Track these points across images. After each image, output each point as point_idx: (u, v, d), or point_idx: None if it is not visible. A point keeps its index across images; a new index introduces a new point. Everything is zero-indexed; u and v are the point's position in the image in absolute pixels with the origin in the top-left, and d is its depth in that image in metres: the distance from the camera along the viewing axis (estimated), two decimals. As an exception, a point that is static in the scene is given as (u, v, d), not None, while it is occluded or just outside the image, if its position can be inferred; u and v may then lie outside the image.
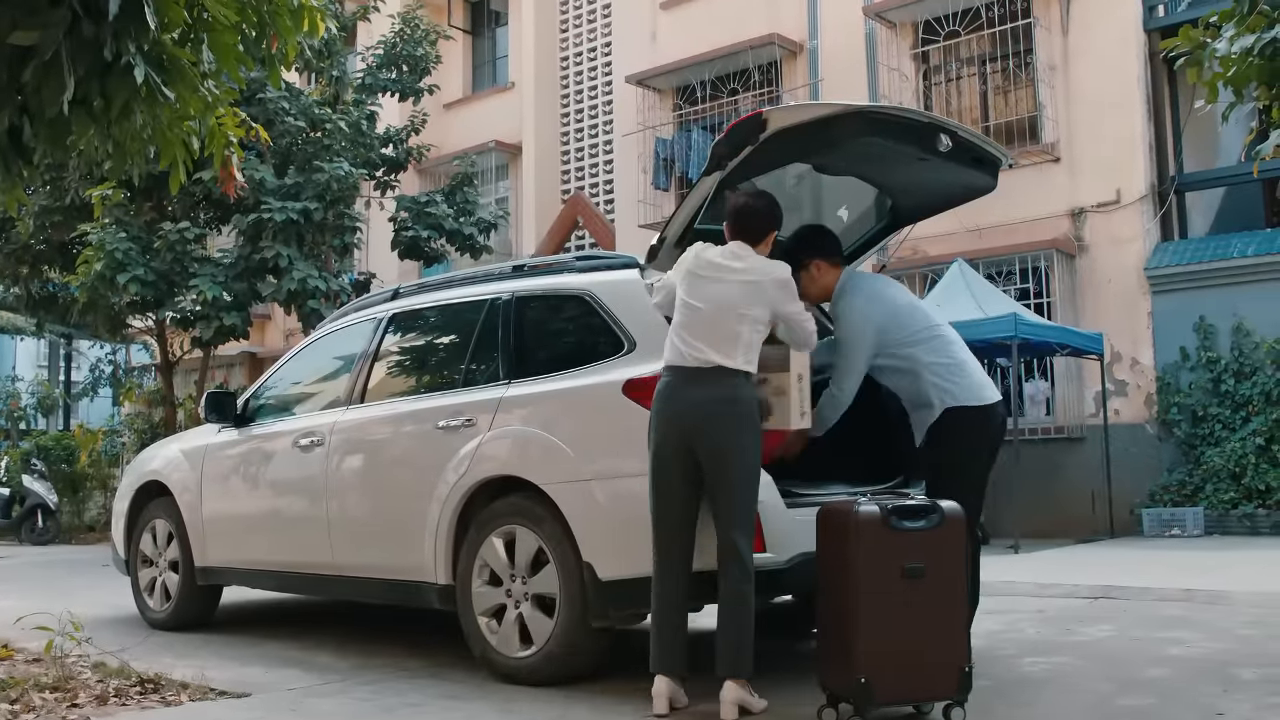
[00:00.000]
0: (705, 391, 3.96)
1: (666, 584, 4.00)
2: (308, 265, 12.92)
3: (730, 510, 3.95)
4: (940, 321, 4.56)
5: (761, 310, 4.05)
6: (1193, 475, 12.05)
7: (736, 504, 3.95)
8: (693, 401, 3.96)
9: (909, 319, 4.44)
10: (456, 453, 4.84)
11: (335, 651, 5.53)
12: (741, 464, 3.94)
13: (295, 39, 4.87)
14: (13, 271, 15.36)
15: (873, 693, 3.62)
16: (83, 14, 3.61)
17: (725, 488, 3.95)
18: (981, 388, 4.37)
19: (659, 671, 3.97)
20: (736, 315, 4.01)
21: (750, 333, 4.03)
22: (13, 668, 4.88)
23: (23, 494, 16.63)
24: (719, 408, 3.94)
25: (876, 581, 3.64)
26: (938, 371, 4.33)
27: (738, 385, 3.98)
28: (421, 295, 5.76)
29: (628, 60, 17.22)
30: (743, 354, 3.99)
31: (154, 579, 6.56)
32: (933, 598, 3.69)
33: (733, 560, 3.92)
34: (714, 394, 3.95)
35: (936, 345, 4.40)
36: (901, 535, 3.69)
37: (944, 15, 14.10)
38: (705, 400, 3.95)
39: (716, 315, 4.02)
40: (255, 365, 20.26)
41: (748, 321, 4.02)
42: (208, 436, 6.44)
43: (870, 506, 3.72)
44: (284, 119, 13.02)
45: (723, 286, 4.04)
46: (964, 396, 4.30)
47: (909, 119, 4.50)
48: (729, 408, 3.95)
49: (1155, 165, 13.05)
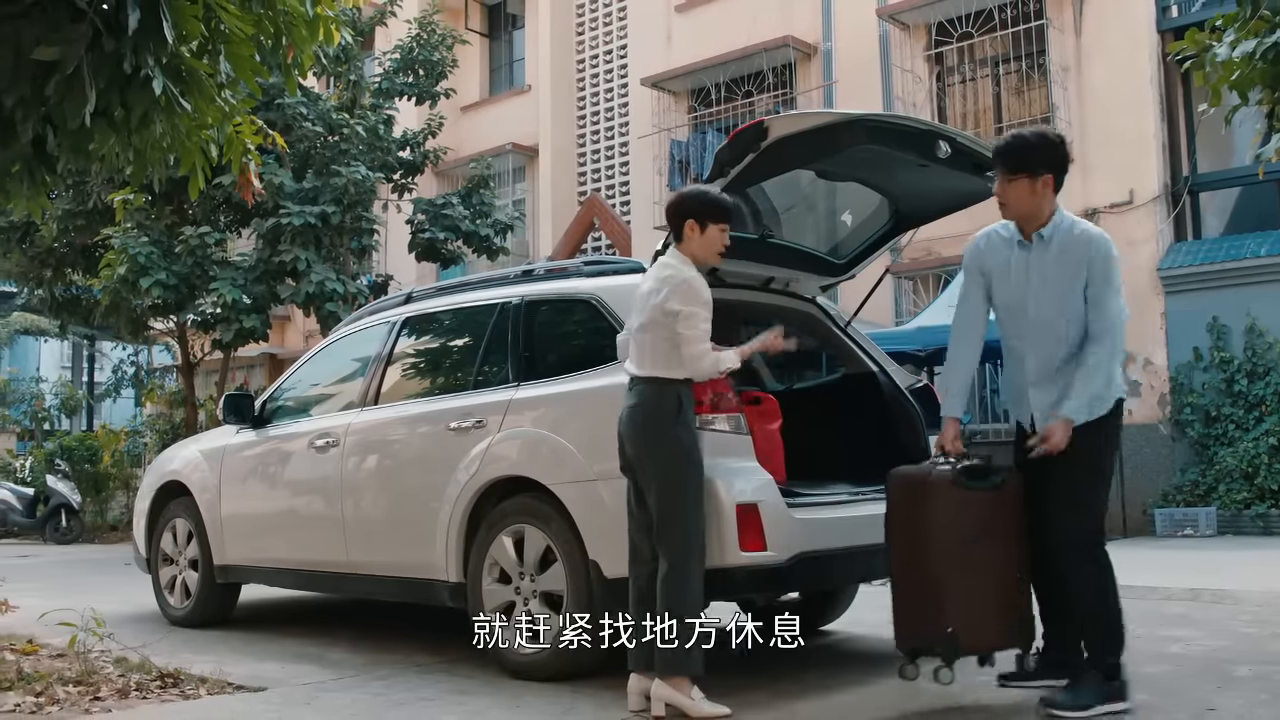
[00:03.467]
0: (626, 400, 4.11)
1: (638, 585, 4.09)
2: (326, 268, 13.06)
3: (654, 510, 4.02)
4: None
5: (648, 315, 4.06)
6: (1205, 475, 12.07)
7: (656, 504, 4.01)
8: (621, 415, 4.11)
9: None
10: (467, 453, 4.96)
11: (350, 647, 5.65)
12: (651, 468, 4.03)
13: (311, 48, 4.98)
14: (37, 274, 15.59)
15: (959, 643, 3.84)
16: (103, 29, 3.72)
17: (647, 489, 4.04)
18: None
19: (633, 669, 4.06)
20: (637, 328, 4.14)
21: (651, 338, 4.05)
22: (38, 662, 5.01)
23: (47, 494, 16.84)
24: (629, 414, 4.08)
25: (952, 539, 3.85)
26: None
27: (645, 391, 4.06)
28: (434, 299, 5.88)
29: (643, 63, 17.33)
30: (650, 360, 4.05)
31: (174, 577, 6.69)
32: (1000, 553, 3.90)
33: (663, 558, 3.98)
34: (629, 401, 4.10)
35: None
36: (971, 494, 3.91)
37: (957, 17, 14.16)
38: (624, 409, 4.10)
39: (628, 336, 4.22)
40: (275, 366, 20.44)
41: (648, 330, 4.07)
42: (226, 438, 6.57)
43: (943, 469, 3.95)
44: (302, 124, 13.17)
45: (635, 306, 4.19)
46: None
47: (908, 126, 4.60)
48: (636, 415, 4.06)
49: (1169, 166, 13.08)
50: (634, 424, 4.05)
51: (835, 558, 4.53)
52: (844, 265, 5.55)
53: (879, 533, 4.71)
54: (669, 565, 3.97)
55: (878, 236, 5.44)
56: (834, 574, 4.88)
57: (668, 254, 4.19)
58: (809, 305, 5.55)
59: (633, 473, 4.09)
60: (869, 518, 4.75)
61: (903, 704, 4.19)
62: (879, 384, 5.35)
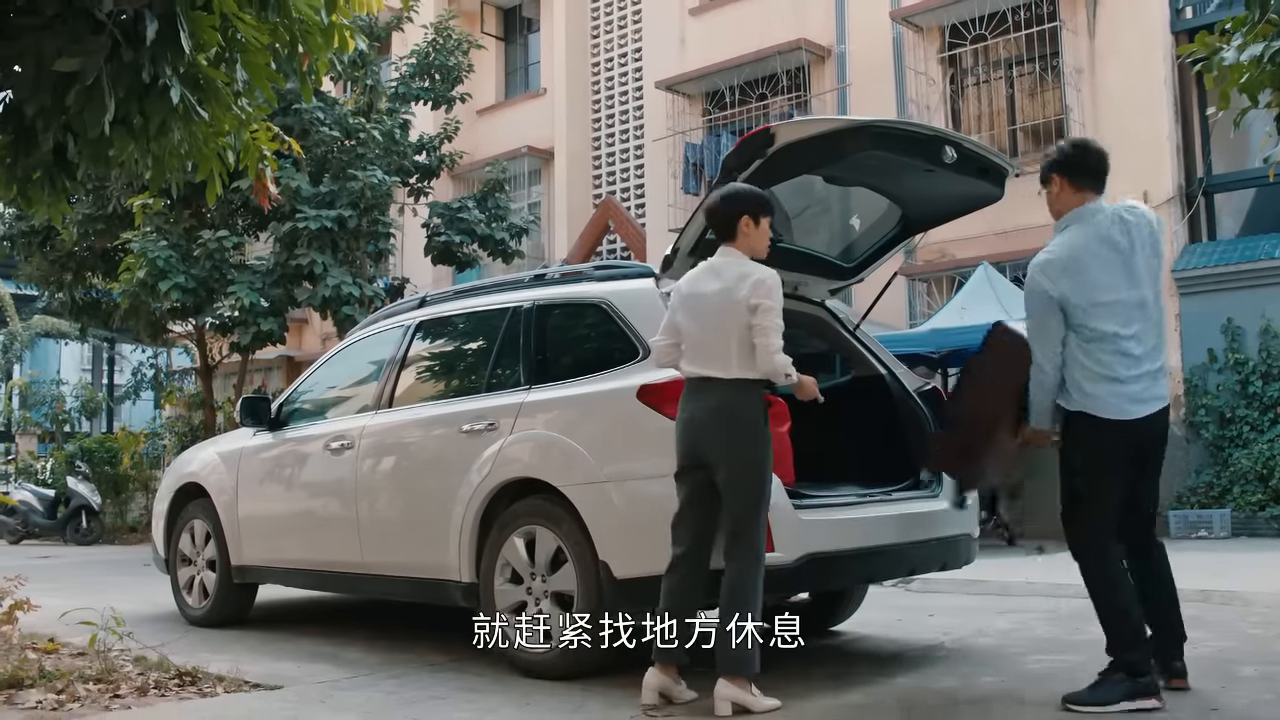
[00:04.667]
0: (704, 401, 4.11)
1: (673, 578, 4.14)
2: (342, 271, 13.17)
3: (731, 513, 4.08)
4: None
5: (739, 317, 4.07)
6: (1220, 477, 12.05)
7: (733, 509, 4.08)
8: (695, 411, 4.13)
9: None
10: (479, 456, 5.02)
11: (365, 647, 5.72)
12: (739, 469, 4.07)
13: (326, 56, 5.05)
14: (57, 278, 15.76)
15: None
16: (122, 40, 3.79)
17: (727, 493, 4.09)
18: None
19: (657, 661, 4.10)
20: (716, 329, 4.12)
21: (736, 342, 4.09)
22: (59, 660, 5.09)
23: (67, 495, 16.99)
24: (714, 416, 4.09)
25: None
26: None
27: (731, 393, 4.10)
28: (447, 303, 5.95)
29: (657, 66, 17.39)
30: (736, 363, 4.09)
31: (192, 577, 6.78)
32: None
33: (733, 559, 4.06)
34: (711, 403, 4.10)
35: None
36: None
37: (971, 19, 14.18)
38: (704, 410, 4.10)
39: (701, 336, 4.16)
40: (293, 368, 20.56)
41: (732, 334, 4.09)
42: (243, 440, 6.66)
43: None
44: (319, 129, 13.28)
45: (701, 306, 4.16)
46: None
47: (914, 132, 4.65)
48: (721, 415, 4.08)
49: (1183, 167, 13.07)
50: (720, 426, 4.06)
51: (844, 559, 4.58)
52: (853, 269, 5.59)
53: (887, 534, 4.79)
54: (742, 566, 4.03)
55: (886, 240, 5.49)
56: (842, 575, 4.93)
57: (724, 252, 4.20)
58: (818, 309, 5.59)
59: (700, 473, 4.11)
60: (877, 519, 4.83)
61: (910, 703, 4.23)
62: (887, 386, 5.39)
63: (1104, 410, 4.01)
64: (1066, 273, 4.01)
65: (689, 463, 4.15)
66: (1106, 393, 4.00)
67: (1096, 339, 4.00)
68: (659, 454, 4.36)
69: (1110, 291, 4.01)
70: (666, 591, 4.15)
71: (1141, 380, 4.01)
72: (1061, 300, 4.00)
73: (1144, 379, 4.02)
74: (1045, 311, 4.04)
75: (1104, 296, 4.00)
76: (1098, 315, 4.00)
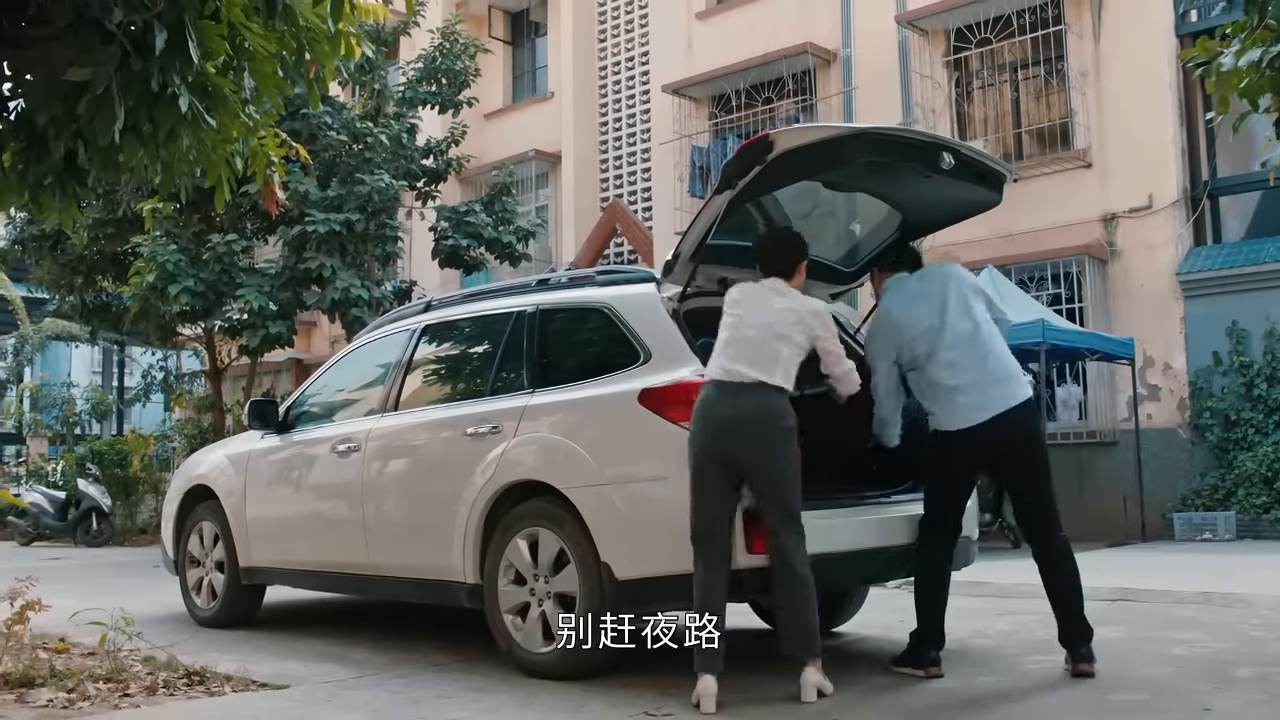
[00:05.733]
0: (744, 403, 4.21)
1: (714, 584, 4.20)
2: (350, 275, 13.23)
3: (776, 509, 4.20)
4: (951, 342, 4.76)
5: (800, 336, 4.35)
6: (1225, 480, 12.07)
7: (780, 503, 4.20)
8: (732, 412, 4.21)
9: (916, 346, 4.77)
10: (483, 458, 5.08)
11: (371, 647, 5.78)
12: (780, 467, 4.19)
13: (333, 63, 5.12)
14: (68, 281, 15.85)
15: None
16: (132, 50, 3.86)
17: (770, 490, 4.20)
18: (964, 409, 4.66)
19: (705, 671, 4.12)
20: (776, 335, 4.31)
21: (789, 353, 4.32)
22: (69, 660, 5.16)
23: (78, 497, 17.09)
24: (756, 418, 4.20)
25: None
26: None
27: (773, 399, 4.24)
28: (452, 307, 6.02)
29: (664, 70, 17.45)
30: (781, 372, 4.28)
31: (201, 579, 6.85)
32: None
33: (786, 552, 4.17)
34: (752, 405, 4.21)
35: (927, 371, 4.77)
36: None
37: (976, 23, 14.22)
38: (743, 412, 4.20)
39: (758, 338, 4.31)
40: (302, 371, 20.64)
41: (787, 342, 4.31)
42: (251, 443, 6.73)
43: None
44: (327, 133, 13.35)
45: (764, 313, 4.35)
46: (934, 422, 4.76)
47: (911, 139, 4.70)
48: (765, 418, 4.20)
49: (1188, 170, 13.08)
50: (763, 428, 4.19)
51: (843, 560, 4.63)
52: (853, 274, 5.64)
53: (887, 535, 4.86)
54: (794, 550, 4.18)
55: (886, 245, 5.53)
56: (842, 576, 4.98)
57: (777, 283, 4.46)
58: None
59: (723, 473, 4.21)
60: (876, 521, 4.88)
61: (905, 702, 4.27)
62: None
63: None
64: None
65: (714, 460, 4.21)
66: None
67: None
68: (659, 457, 4.44)
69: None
70: (706, 593, 4.19)
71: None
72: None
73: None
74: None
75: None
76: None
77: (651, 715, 4.04)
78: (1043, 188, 13.34)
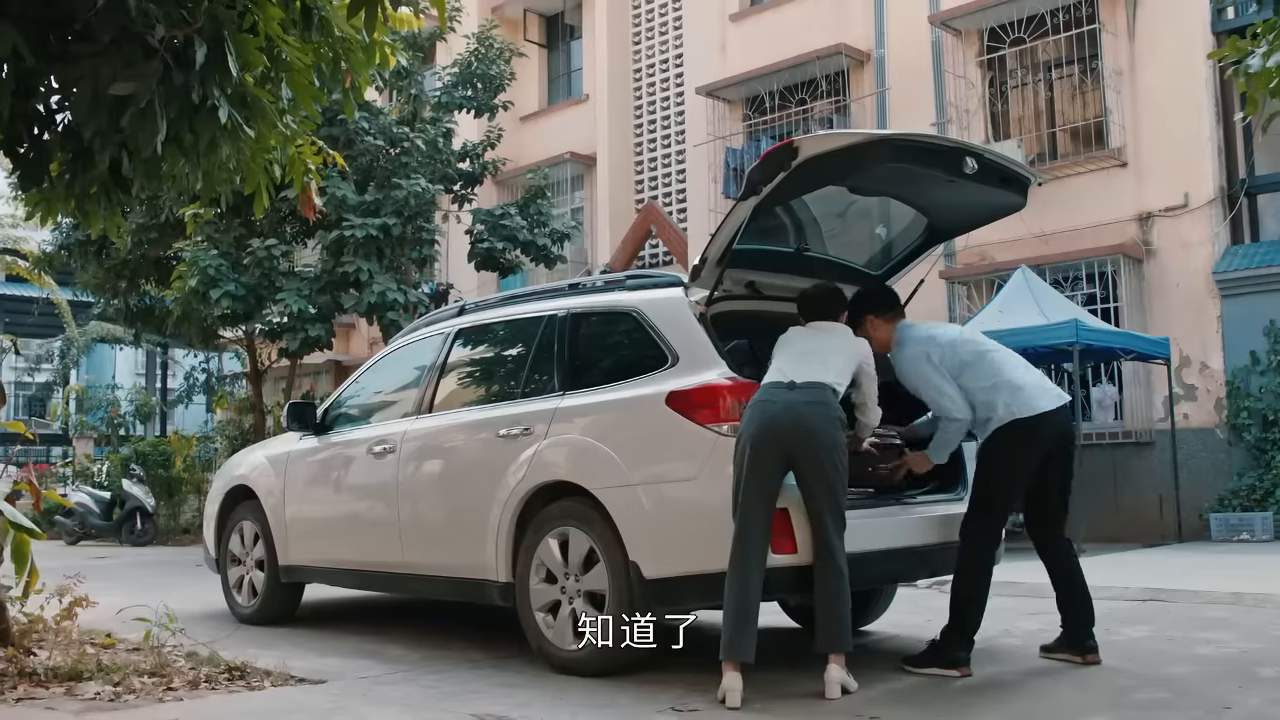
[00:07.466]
0: (802, 397, 4.35)
1: (746, 574, 4.27)
2: (387, 278, 13.39)
3: (824, 499, 4.29)
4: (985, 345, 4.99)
5: (849, 359, 4.58)
6: (1263, 480, 11.97)
7: (829, 493, 4.30)
8: (791, 406, 4.33)
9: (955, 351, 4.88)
10: (515, 459, 5.18)
11: (407, 644, 5.90)
12: (832, 461, 4.31)
13: (368, 72, 5.24)
14: (112, 286, 16.18)
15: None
16: (173, 64, 3.99)
17: (820, 479, 4.29)
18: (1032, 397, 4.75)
19: (733, 658, 4.20)
20: (829, 351, 4.55)
21: (842, 363, 4.54)
22: (115, 655, 5.29)
23: (122, 497, 17.37)
24: (815, 410, 4.33)
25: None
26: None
27: (827, 394, 4.39)
28: (485, 311, 6.13)
29: (698, 72, 17.50)
30: (834, 374, 4.47)
31: (242, 577, 7.00)
32: None
33: (829, 546, 4.27)
34: (809, 399, 4.34)
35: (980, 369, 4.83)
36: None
37: (1010, 22, 14.18)
38: (802, 405, 4.33)
39: (812, 352, 4.54)
40: (341, 372, 20.83)
41: (840, 355, 4.56)
42: (290, 444, 6.87)
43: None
44: (363, 138, 13.52)
45: (815, 341, 4.62)
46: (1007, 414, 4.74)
47: (933, 144, 4.76)
48: (823, 411, 4.34)
49: (1224, 168, 12.96)
50: (818, 421, 4.32)
51: (866, 559, 4.68)
52: (879, 277, 5.70)
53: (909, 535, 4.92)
54: (839, 553, 4.30)
55: (913, 248, 5.59)
56: (865, 575, 5.01)
57: (837, 326, 4.75)
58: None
59: (775, 467, 4.30)
60: (900, 521, 4.94)
61: (931, 699, 4.32)
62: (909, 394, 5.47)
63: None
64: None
65: (767, 452, 4.28)
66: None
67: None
68: (686, 458, 4.53)
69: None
70: (741, 591, 4.26)
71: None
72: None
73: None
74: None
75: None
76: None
77: (678, 710, 4.13)
78: (1077, 187, 13.29)
